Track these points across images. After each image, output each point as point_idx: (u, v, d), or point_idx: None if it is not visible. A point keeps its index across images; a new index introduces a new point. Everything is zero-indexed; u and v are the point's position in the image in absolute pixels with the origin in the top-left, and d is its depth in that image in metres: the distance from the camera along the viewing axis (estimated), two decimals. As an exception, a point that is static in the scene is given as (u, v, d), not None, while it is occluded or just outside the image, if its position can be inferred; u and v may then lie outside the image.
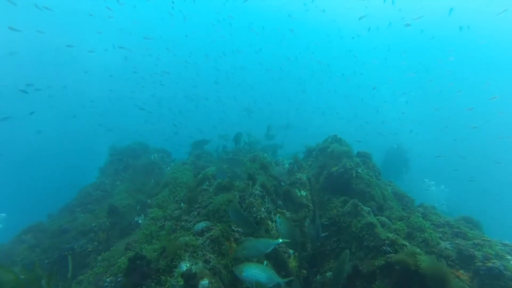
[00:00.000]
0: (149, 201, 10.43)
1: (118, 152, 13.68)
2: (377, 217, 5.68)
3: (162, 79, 25.36)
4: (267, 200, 6.00)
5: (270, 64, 34.27)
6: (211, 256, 4.35)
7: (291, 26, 31.32)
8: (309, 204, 7.47)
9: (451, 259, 4.46)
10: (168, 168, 13.95)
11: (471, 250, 4.43)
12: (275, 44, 37.87)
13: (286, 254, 5.42)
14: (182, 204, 6.90)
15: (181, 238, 4.94)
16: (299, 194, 7.71)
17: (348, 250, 4.34)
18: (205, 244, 4.46)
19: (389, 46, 31.41)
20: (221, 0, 33.73)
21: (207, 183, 6.99)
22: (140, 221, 9.35)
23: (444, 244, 4.76)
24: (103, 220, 8.21)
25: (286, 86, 39.36)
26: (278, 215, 4.37)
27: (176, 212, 6.66)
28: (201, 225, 5.26)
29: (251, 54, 34.33)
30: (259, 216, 5.39)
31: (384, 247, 4.42)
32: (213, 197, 5.93)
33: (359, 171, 7.52)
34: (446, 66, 31.40)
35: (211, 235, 4.57)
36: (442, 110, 28.41)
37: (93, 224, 8.03)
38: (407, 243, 4.39)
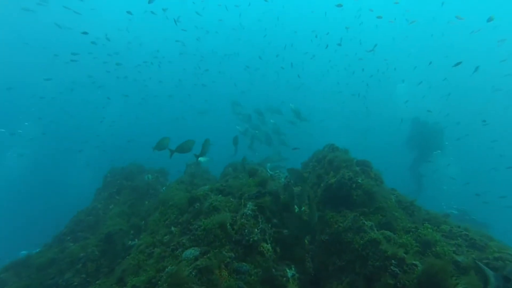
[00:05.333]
0: (143, 222, 9.93)
1: (112, 175, 13.28)
2: (381, 231, 5.20)
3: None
4: (260, 220, 5.55)
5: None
6: (198, 289, 3.90)
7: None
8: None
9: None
10: (163, 188, 13.51)
11: (493, 263, 3.94)
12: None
13: (285, 278, 4.92)
14: (172, 228, 6.44)
15: (168, 268, 4.51)
16: (297, 209, 7.28)
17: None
18: (191, 275, 4.01)
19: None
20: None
21: (198, 204, 6.56)
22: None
23: (460, 259, 4.26)
24: (92, 249, 7.72)
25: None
26: None
27: (166, 237, 6.19)
28: (189, 252, 4.83)
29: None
30: (251, 239, 4.93)
31: (391, 268, 3.94)
32: (203, 219, 5.50)
33: (359, 181, 7.08)
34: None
35: (198, 265, 4.12)
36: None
37: (81, 254, 7.53)
38: (418, 262, 3.90)
